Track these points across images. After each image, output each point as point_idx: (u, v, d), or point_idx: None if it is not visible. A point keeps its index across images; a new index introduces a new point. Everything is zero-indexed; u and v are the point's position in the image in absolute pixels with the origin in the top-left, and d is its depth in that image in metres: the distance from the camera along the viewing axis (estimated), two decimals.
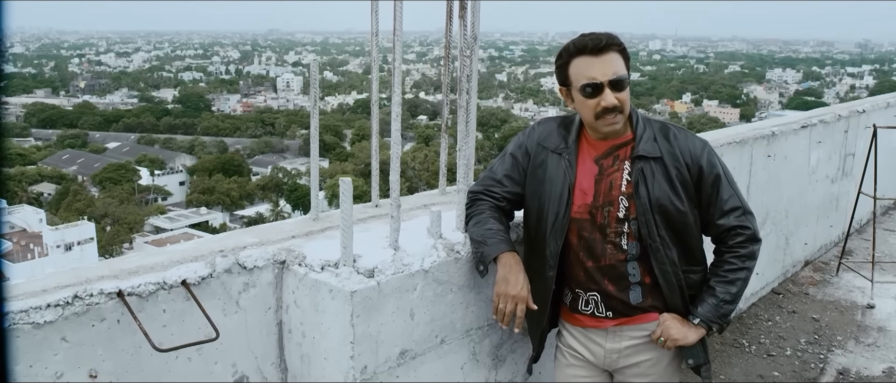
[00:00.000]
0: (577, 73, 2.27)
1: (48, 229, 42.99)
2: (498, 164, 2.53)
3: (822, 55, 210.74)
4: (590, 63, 2.24)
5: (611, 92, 2.23)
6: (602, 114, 2.25)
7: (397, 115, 2.32)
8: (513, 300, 2.36)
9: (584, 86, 2.24)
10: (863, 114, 6.64)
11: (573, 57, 2.27)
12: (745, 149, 4.73)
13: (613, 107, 2.24)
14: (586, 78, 2.24)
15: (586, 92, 2.25)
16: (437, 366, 2.54)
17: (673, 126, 2.41)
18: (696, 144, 2.37)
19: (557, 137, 2.42)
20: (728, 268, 2.40)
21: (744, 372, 4.27)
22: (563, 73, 2.33)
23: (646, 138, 2.33)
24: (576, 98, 2.30)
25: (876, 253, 5.63)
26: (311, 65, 2.66)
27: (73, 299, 1.93)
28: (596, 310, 2.42)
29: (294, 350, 2.44)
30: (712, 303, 2.38)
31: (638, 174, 2.30)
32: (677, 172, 2.31)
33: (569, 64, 2.29)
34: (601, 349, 2.47)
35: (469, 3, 2.53)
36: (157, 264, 2.20)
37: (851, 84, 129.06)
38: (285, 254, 2.42)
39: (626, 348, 2.45)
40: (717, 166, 2.37)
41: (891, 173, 7.24)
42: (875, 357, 4.50)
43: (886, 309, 5.17)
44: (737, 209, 2.39)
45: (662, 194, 2.29)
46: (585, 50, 2.24)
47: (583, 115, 2.34)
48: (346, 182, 2.26)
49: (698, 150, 2.35)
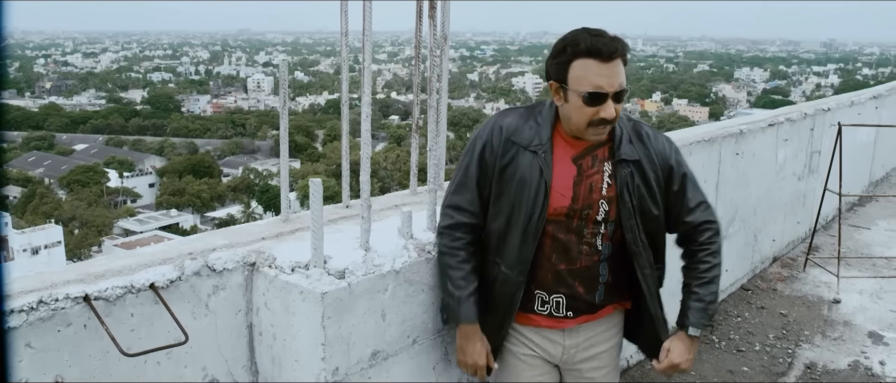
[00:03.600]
0: (580, 77, 2.10)
1: (14, 233, 42.24)
2: (459, 191, 2.34)
3: (788, 54, 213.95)
4: (597, 69, 2.09)
5: (612, 103, 2.12)
6: (597, 123, 2.14)
7: (367, 116, 2.31)
8: (470, 368, 2.42)
9: (589, 93, 2.09)
10: (828, 112, 6.74)
11: (579, 57, 2.10)
12: (714, 148, 4.78)
13: (611, 120, 2.13)
14: (592, 86, 2.09)
15: (588, 100, 2.10)
16: (410, 367, 2.53)
17: (643, 125, 2.37)
18: (665, 145, 2.34)
19: (529, 132, 2.25)
20: (704, 267, 2.38)
21: (714, 368, 4.32)
22: (562, 70, 2.14)
23: (625, 140, 2.25)
24: (571, 100, 2.14)
25: (841, 248, 5.72)
26: (281, 65, 2.63)
27: (37, 304, 1.90)
28: (554, 311, 2.36)
29: (265, 352, 2.42)
30: (700, 308, 2.36)
31: (622, 180, 2.24)
32: (654, 176, 2.28)
33: (572, 62, 2.11)
34: (559, 346, 2.43)
35: (439, 2, 2.53)
36: (124, 267, 2.17)
37: (817, 83, 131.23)
38: (255, 256, 2.40)
39: (584, 341, 2.44)
40: (684, 165, 2.37)
41: (855, 170, 7.38)
42: (841, 350, 4.58)
43: (852, 304, 5.26)
44: (703, 203, 2.37)
45: (642, 199, 2.27)
46: (598, 54, 2.08)
47: (573, 119, 2.18)
48: (315, 183, 2.25)
49: (668, 151, 2.33)
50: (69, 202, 55.66)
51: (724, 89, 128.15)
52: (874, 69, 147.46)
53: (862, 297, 5.39)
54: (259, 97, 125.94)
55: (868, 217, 7.60)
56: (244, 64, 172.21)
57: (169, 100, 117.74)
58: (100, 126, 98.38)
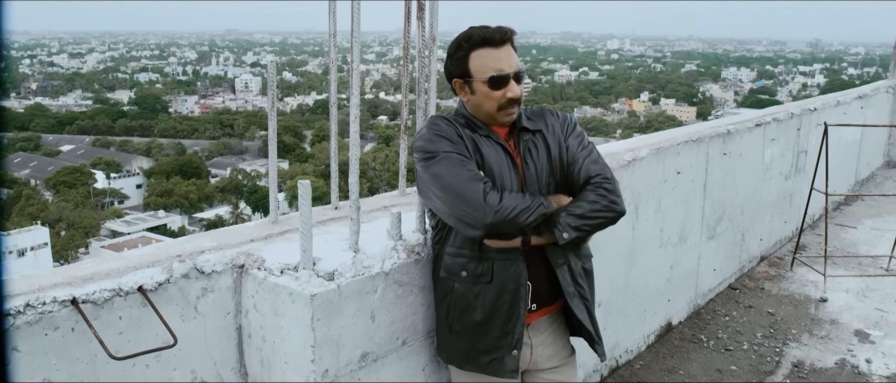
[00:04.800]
0: (481, 65, 2.24)
1: None
2: (458, 161, 2.20)
3: (775, 54, 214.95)
4: (494, 54, 2.23)
5: (515, 83, 2.25)
6: (506, 105, 2.26)
7: (356, 117, 2.31)
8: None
9: (492, 77, 2.22)
10: (814, 112, 6.79)
11: (475, 48, 2.24)
12: (702, 148, 4.81)
13: (517, 98, 2.27)
14: (494, 70, 2.22)
15: (492, 83, 2.23)
16: (399, 368, 2.53)
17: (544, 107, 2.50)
18: (565, 116, 2.47)
19: (472, 124, 2.31)
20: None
21: (702, 367, 4.34)
22: (462, 65, 2.27)
23: (524, 117, 2.37)
24: (478, 89, 2.26)
25: (828, 247, 5.76)
26: (269, 66, 2.63)
27: (24, 308, 1.89)
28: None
29: (254, 354, 2.41)
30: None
31: (525, 150, 2.32)
32: (556, 142, 2.37)
33: (470, 54, 2.25)
34: (527, 348, 2.42)
35: (427, 3, 2.53)
36: (112, 270, 2.16)
37: (803, 82, 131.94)
38: (244, 258, 2.39)
39: (546, 338, 2.47)
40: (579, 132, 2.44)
41: (841, 170, 7.43)
42: (828, 349, 4.61)
43: (838, 303, 5.30)
44: (593, 161, 2.36)
45: (545, 167, 2.33)
46: (491, 41, 2.23)
47: (483, 107, 2.28)
48: (304, 184, 2.25)
49: (565, 123, 2.43)
50: (56, 203, 55.29)
51: (711, 89, 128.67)
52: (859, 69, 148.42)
53: (848, 296, 5.42)
54: (247, 97, 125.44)
55: (854, 216, 7.65)
56: (232, 64, 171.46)
57: (156, 101, 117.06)
58: (86, 127, 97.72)
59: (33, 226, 45.18)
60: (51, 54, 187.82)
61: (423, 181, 2.27)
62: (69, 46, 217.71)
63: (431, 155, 2.23)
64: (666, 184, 4.40)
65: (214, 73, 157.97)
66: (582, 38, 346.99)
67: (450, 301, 2.38)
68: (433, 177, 2.21)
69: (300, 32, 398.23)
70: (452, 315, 2.38)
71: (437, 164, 2.21)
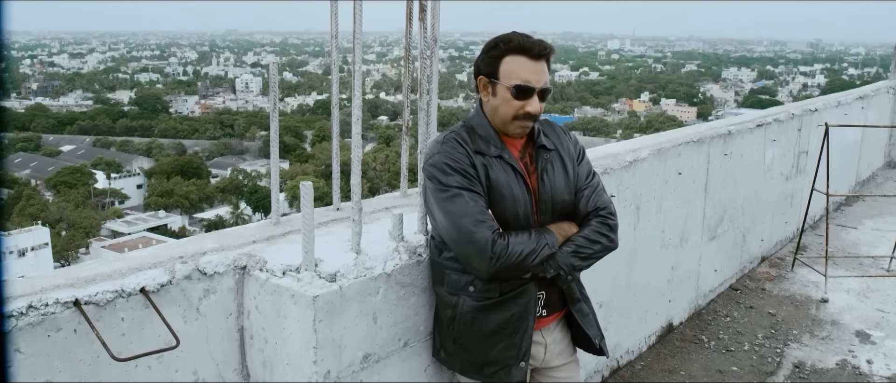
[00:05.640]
0: (511, 71, 2.23)
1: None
2: (470, 202, 2.19)
3: (775, 54, 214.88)
4: (527, 65, 2.22)
5: (537, 100, 2.25)
6: (522, 117, 2.25)
7: (358, 119, 2.31)
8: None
9: (517, 86, 2.21)
10: (815, 112, 6.79)
11: (511, 53, 2.23)
12: (703, 148, 4.81)
13: (535, 114, 2.26)
14: (521, 79, 2.22)
15: (516, 92, 2.22)
16: (401, 369, 2.53)
17: (555, 124, 2.52)
18: (574, 137, 2.53)
19: (484, 143, 2.29)
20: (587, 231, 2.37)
21: (703, 368, 4.34)
22: (493, 64, 2.26)
23: (541, 133, 2.39)
24: (499, 93, 2.25)
25: (829, 248, 5.76)
26: (271, 67, 2.63)
27: (27, 309, 1.89)
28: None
29: (256, 356, 2.41)
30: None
31: (543, 168, 2.34)
32: (571, 164, 2.41)
33: (503, 58, 2.24)
34: (541, 347, 2.47)
35: (429, 4, 2.53)
36: (115, 271, 2.16)
37: (804, 83, 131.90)
38: (246, 259, 2.39)
39: (557, 335, 2.51)
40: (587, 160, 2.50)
41: (842, 170, 7.43)
42: (829, 349, 4.61)
43: (839, 303, 5.30)
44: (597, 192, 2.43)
45: (561, 187, 2.37)
46: (528, 52, 2.22)
47: (499, 112, 2.27)
48: (306, 186, 2.24)
49: (576, 142, 2.51)
50: (56, 203, 55.31)
51: (711, 89, 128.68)
52: (860, 69, 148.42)
53: (849, 296, 5.42)
54: (247, 98, 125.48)
55: (855, 216, 7.65)
56: (232, 64, 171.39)
57: (157, 101, 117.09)
58: (87, 127, 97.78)
59: (34, 226, 45.20)
60: (51, 54, 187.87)
61: (434, 208, 2.27)
62: (70, 46, 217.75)
63: (444, 188, 2.22)
64: (667, 184, 4.40)
65: (215, 73, 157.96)
66: (582, 39, 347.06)
67: (453, 314, 2.37)
68: (444, 213, 2.22)
69: (301, 32, 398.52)
70: (457, 328, 2.38)
71: (449, 201, 2.21)
